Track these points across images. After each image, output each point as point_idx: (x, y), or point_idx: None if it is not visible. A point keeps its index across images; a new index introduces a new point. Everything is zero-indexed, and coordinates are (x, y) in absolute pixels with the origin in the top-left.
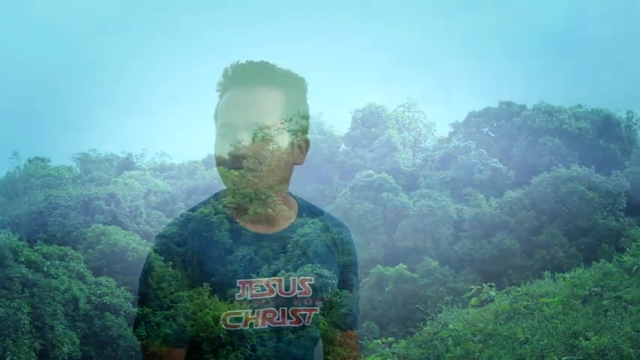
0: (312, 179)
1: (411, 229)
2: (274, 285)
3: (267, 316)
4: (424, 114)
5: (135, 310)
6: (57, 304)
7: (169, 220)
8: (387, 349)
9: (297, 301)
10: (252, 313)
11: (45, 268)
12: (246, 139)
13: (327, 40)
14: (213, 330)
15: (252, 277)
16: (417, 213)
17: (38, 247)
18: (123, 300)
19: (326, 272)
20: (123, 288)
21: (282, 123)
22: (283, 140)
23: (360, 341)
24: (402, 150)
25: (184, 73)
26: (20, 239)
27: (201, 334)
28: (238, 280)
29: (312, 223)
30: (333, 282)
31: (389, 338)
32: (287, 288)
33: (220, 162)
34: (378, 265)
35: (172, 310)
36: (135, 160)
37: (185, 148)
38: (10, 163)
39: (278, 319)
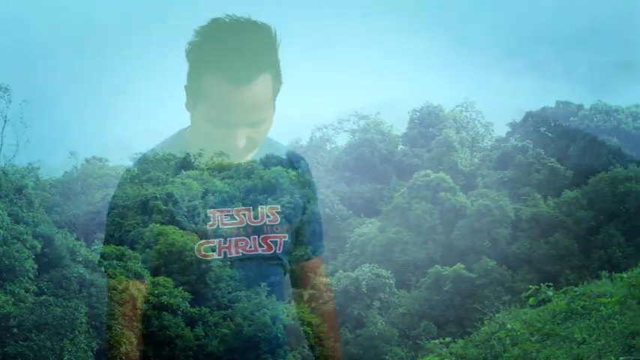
0: (369, 179)
1: (469, 229)
2: (244, 214)
3: (240, 245)
4: (482, 114)
5: (192, 310)
6: (114, 303)
7: (227, 220)
8: (444, 349)
9: (267, 228)
10: (225, 242)
11: (102, 268)
12: (245, 133)
13: (386, 40)
14: (271, 330)
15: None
16: (475, 213)
17: (95, 247)
18: (180, 300)
19: (292, 201)
20: (180, 288)
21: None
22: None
23: (417, 341)
24: (459, 150)
25: None
26: (77, 239)
27: (259, 334)
28: (209, 210)
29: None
30: (299, 210)
31: (446, 338)
32: (256, 217)
33: (211, 146)
34: (436, 265)
35: (230, 310)
36: (193, 160)
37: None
38: (67, 163)
39: (250, 247)
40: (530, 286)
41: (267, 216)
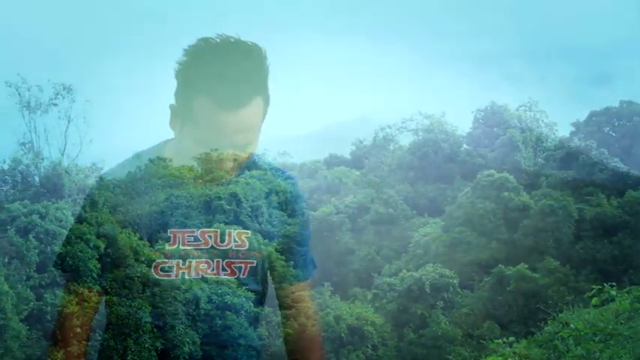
0: (433, 179)
1: (533, 229)
2: (209, 236)
3: (201, 267)
4: (545, 113)
5: (256, 309)
6: (178, 303)
7: (290, 220)
8: (507, 349)
9: (233, 253)
10: (184, 263)
11: (166, 268)
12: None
13: (450, 41)
14: (334, 329)
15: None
16: (538, 212)
17: (159, 247)
18: (244, 300)
19: (268, 227)
20: (244, 288)
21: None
22: (259, 130)
23: (481, 341)
24: (523, 149)
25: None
26: (141, 239)
27: (323, 334)
28: (170, 230)
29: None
30: (273, 236)
31: (510, 338)
32: (222, 240)
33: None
34: (500, 265)
35: (293, 310)
36: (257, 160)
37: (306, 147)
38: (130, 163)
39: (212, 270)
40: (594, 286)
41: (235, 240)
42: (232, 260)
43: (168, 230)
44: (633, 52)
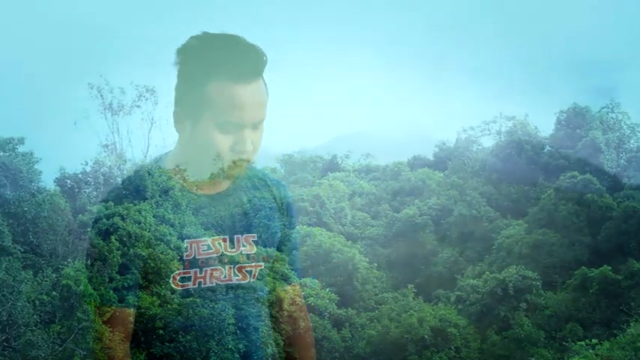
0: (516, 180)
1: (615, 231)
2: (219, 244)
3: (215, 274)
4: (628, 115)
5: (339, 311)
6: (261, 305)
7: (374, 222)
8: (590, 351)
9: (242, 257)
10: (201, 272)
11: (249, 269)
12: (250, 136)
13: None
14: (418, 331)
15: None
16: (621, 214)
17: (242, 249)
18: (327, 301)
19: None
20: (327, 289)
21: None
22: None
23: (564, 342)
24: (606, 151)
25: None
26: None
27: (406, 336)
28: (187, 240)
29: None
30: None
31: (592, 340)
32: (231, 246)
33: (220, 154)
34: (583, 267)
35: (377, 312)
36: (340, 162)
37: (389, 149)
38: (213, 165)
39: (225, 276)
40: None
41: (244, 245)
42: (243, 265)
43: (185, 241)
44: None
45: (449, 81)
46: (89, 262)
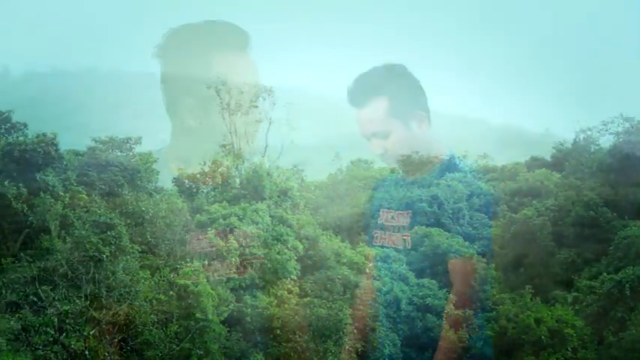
0: (634, 181)
1: None
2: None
3: (216, 269)
4: None
5: (457, 312)
6: (379, 305)
7: (492, 223)
8: None
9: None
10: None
11: (367, 270)
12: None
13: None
14: (535, 332)
15: None
16: None
17: (360, 249)
18: (445, 302)
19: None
20: (445, 290)
21: None
22: None
23: None
24: None
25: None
26: (342, 241)
27: (523, 337)
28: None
29: None
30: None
31: None
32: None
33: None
34: None
35: (494, 312)
36: (457, 162)
37: (505, 150)
38: (331, 165)
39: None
40: None
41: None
42: (247, 258)
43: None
44: None
45: (569, 81)
46: (206, 262)
